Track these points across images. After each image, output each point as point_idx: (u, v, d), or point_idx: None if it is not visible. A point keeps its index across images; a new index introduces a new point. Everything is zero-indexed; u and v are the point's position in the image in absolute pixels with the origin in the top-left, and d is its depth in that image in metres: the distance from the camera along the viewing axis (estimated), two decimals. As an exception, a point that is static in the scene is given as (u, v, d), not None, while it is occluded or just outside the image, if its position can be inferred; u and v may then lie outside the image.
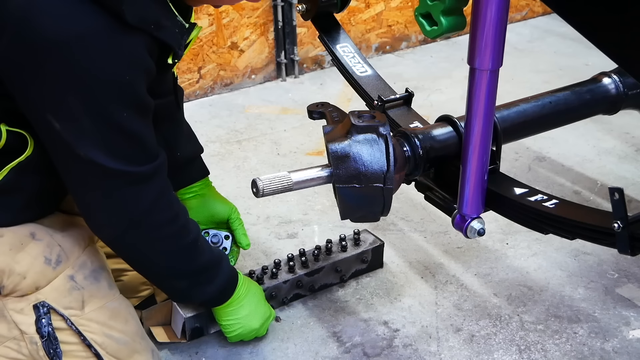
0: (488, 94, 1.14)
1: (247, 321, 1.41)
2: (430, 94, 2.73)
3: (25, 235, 1.21)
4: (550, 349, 1.47)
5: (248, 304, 1.40)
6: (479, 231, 1.24)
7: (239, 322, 1.41)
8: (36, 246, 1.21)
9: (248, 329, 1.42)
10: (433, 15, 1.22)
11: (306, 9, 1.63)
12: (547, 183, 2.08)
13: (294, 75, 2.92)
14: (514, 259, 1.76)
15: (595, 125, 2.34)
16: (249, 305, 1.41)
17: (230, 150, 2.32)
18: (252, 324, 1.42)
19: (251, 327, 1.42)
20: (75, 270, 1.25)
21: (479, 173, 1.20)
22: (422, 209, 1.95)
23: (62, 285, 1.23)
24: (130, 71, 1.05)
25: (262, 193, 1.12)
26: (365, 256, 1.68)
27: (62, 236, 1.25)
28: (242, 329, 1.41)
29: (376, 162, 1.12)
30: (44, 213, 1.26)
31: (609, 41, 0.97)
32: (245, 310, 1.40)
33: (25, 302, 1.21)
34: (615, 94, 1.51)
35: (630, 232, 1.03)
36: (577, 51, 3.04)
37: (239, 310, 1.40)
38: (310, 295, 1.63)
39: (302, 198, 2.02)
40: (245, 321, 1.41)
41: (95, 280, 1.27)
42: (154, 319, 1.51)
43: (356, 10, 2.99)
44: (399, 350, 1.48)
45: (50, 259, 1.22)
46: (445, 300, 1.62)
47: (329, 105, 1.37)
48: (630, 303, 1.60)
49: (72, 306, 1.24)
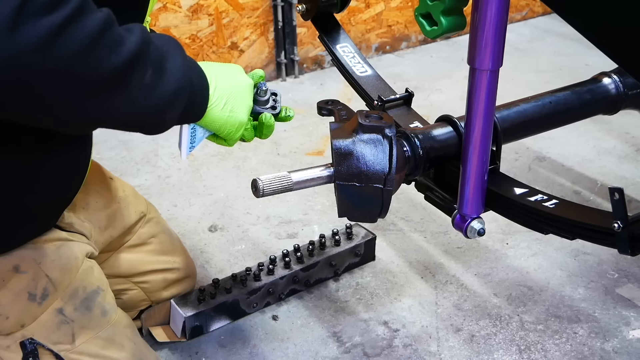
0: (488, 94, 1.14)
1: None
2: (430, 94, 2.73)
3: (8, 270, 1.13)
4: (550, 349, 1.47)
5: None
6: (479, 231, 1.24)
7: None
8: (19, 281, 1.13)
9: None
10: (433, 15, 1.22)
11: (306, 9, 1.63)
12: (547, 183, 2.08)
13: (294, 75, 2.92)
14: (514, 259, 1.76)
15: (595, 125, 2.34)
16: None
17: (230, 150, 2.32)
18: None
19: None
20: (64, 302, 1.19)
21: (479, 173, 1.20)
22: (422, 209, 1.95)
23: (50, 320, 1.17)
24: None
25: (262, 193, 1.12)
26: (359, 249, 1.70)
27: (52, 261, 1.17)
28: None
29: (378, 162, 1.12)
30: (38, 232, 1.17)
31: (609, 41, 0.97)
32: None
33: (11, 340, 1.15)
34: (615, 94, 1.51)
35: (630, 232, 1.02)
36: (577, 51, 3.04)
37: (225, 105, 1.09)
38: (306, 289, 1.64)
39: (302, 198, 2.02)
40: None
41: (86, 310, 1.21)
42: (153, 319, 1.51)
43: (356, 10, 2.99)
44: (399, 350, 1.48)
45: (35, 294, 1.15)
46: (445, 300, 1.62)
47: (339, 103, 1.38)
48: (630, 303, 1.60)
49: (62, 341, 1.18)
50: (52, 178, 1.12)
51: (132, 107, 0.90)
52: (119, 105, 0.89)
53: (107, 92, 0.86)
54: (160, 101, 0.93)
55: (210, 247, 1.84)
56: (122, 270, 1.44)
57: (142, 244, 1.47)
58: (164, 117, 0.97)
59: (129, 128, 0.99)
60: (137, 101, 0.90)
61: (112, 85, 0.86)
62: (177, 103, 0.97)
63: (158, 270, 1.49)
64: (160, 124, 0.99)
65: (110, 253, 1.42)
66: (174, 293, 1.53)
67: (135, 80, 0.88)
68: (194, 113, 1.05)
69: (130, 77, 0.87)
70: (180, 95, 0.97)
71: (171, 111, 0.97)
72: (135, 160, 2.29)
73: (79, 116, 0.87)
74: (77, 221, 1.28)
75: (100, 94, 0.86)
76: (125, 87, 0.87)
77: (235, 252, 1.81)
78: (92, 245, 1.29)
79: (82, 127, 0.95)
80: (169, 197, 2.07)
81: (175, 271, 1.52)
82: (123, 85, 0.87)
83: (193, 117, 1.06)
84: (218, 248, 1.83)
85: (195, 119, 1.06)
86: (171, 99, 0.95)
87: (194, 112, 1.05)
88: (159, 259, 1.49)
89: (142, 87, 0.90)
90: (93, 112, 0.87)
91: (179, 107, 0.98)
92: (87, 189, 1.33)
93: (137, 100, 0.90)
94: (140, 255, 1.46)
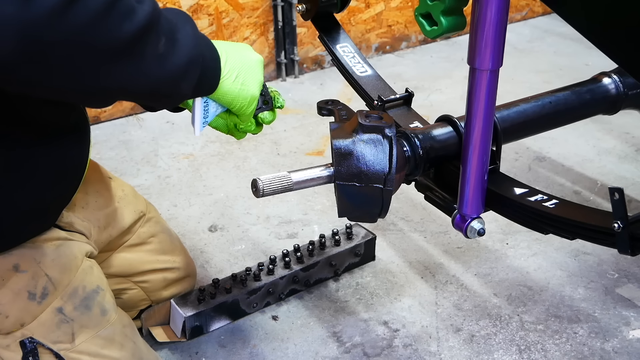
0: (488, 94, 1.14)
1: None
2: (430, 94, 2.73)
3: (7, 269, 1.13)
4: (550, 349, 1.47)
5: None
6: (479, 231, 1.24)
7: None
8: (19, 280, 1.14)
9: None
10: (433, 15, 1.22)
11: (306, 9, 1.63)
12: (547, 183, 2.08)
13: (294, 75, 2.92)
14: (514, 259, 1.76)
15: (595, 125, 2.34)
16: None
17: (230, 150, 2.32)
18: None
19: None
20: (64, 301, 1.19)
21: (479, 173, 1.20)
22: (422, 209, 1.95)
23: (50, 319, 1.17)
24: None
25: (262, 193, 1.12)
26: (358, 249, 1.70)
27: (51, 260, 1.17)
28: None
29: (378, 162, 1.12)
30: (37, 231, 1.17)
31: (609, 41, 0.97)
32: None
33: (11, 339, 1.15)
34: (615, 94, 1.51)
35: (630, 232, 1.02)
36: (577, 51, 3.04)
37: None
38: (306, 289, 1.64)
39: (302, 198, 2.02)
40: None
41: (86, 309, 1.21)
42: (153, 319, 1.51)
43: (356, 10, 2.99)
44: (399, 350, 1.48)
45: (35, 293, 1.15)
46: (445, 300, 1.62)
47: (339, 103, 1.38)
48: (630, 303, 1.60)
49: (61, 340, 1.18)
50: (50, 176, 1.12)
51: (148, 76, 0.91)
52: (136, 74, 0.90)
53: (123, 61, 0.87)
54: (174, 70, 0.94)
55: (210, 247, 1.84)
56: (122, 270, 1.44)
57: (142, 243, 1.47)
58: (179, 87, 0.98)
59: (146, 99, 1.00)
60: (152, 70, 0.91)
61: (128, 53, 0.87)
62: (191, 73, 0.98)
63: (158, 270, 1.49)
64: (176, 94, 1.00)
65: (109, 252, 1.42)
66: (174, 293, 1.53)
67: (149, 48, 0.89)
68: (208, 84, 1.05)
69: (144, 46, 0.88)
70: (193, 65, 0.97)
71: (185, 81, 0.98)
72: (135, 160, 2.29)
73: (97, 85, 0.88)
74: (77, 220, 1.28)
75: (117, 63, 0.87)
76: (140, 55, 0.88)
77: (235, 252, 1.81)
78: (91, 244, 1.29)
79: (102, 98, 0.95)
80: (169, 197, 2.07)
81: (175, 271, 1.52)
82: (138, 54, 0.88)
83: (207, 88, 1.06)
84: (218, 248, 1.83)
85: (209, 90, 1.07)
86: (185, 68, 0.96)
87: (207, 83, 1.05)
88: (159, 258, 1.49)
89: (156, 56, 0.91)
90: (111, 80, 0.88)
91: (193, 78, 0.99)
92: (86, 189, 1.33)
93: (152, 70, 0.91)
94: (139, 254, 1.46)
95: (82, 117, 1.18)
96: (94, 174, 1.38)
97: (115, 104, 2.56)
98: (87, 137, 1.20)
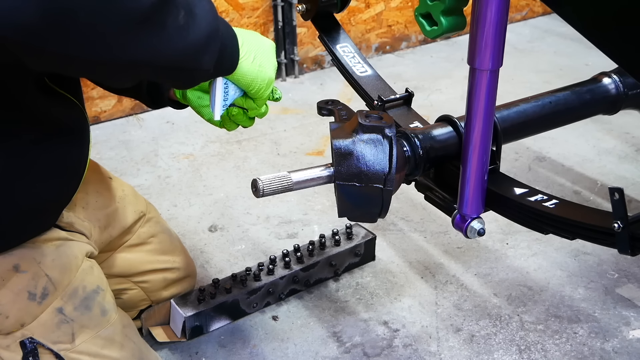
0: (488, 94, 1.14)
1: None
2: (430, 94, 2.73)
3: (7, 269, 1.13)
4: (550, 349, 1.47)
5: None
6: (479, 231, 1.24)
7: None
8: (19, 280, 1.14)
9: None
10: (433, 15, 1.22)
11: (306, 9, 1.63)
12: (547, 183, 2.08)
13: (294, 75, 2.92)
14: (514, 259, 1.76)
15: (595, 125, 2.34)
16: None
17: (230, 150, 2.32)
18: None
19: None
20: (64, 301, 1.18)
21: (479, 173, 1.20)
22: (422, 209, 1.95)
23: (50, 319, 1.17)
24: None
25: (262, 193, 1.12)
26: (358, 249, 1.70)
27: (52, 260, 1.17)
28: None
29: (378, 162, 1.12)
30: (38, 231, 1.17)
31: (609, 41, 0.97)
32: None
33: (11, 339, 1.15)
34: (615, 94, 1.51)
35: (630, 232, 1.02)
36: (577, 51, 3.04)
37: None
38: (306, 289, 1.64)
39: (302, 198, 2.02)
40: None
41: (86, 309, 1.21)
42: (153, 319, 1.51)
43: (356, 10, 2.99)
44: (399, 350, 1.48)
45: (35, 293, 1.15)
46: (445, 300, 1.62)
47: (339, 103, 1.38)
48: (630, 303, 1.60)
49: (62, 340, 1.18)
50: (50, 176, 1.12)
51: (170, 47, 0.92)
52: (158, 46, 0.90)
53: (145, 31, 0.88)
54: (195, 42, 0.95)
55: (210, 247, 1.84)
56: (122, 270, 1.44)
57: (142, 243, 1.47)
58: (202, 60, 0.98)
59: (171, 74, 0.99)
60: (174, 41, 0.91)
61: (150, 23, 0.87)
62: (212, 46, 0.98)
63: (158, 270, 1.49)
64: (199, 69, 0.99)
65: (110, 253, 1.42)
66: (174, 293, 1.53)
67: (170, 20, 0.90)
68: (228, 61, 1.06)
69: (165, 16, 0.89)
70: (213, 39, 0.98)
71: (207, 55, 0.98)
72: (135, 160, 2.29)
73: (124, 56, 0.88)
74: (77, 220, 1.28)
75: (140, 32, 0.87)
76: (161, 26, 0.89)
77: (235, 252, 1.81)
78: (91, 244, 1.29)
79: (129, 72, 0.95)
80: (169, 197, 2.07)
81: (175, 271, 1.52)
82: (159, 24, 0.89)
83: (227, 65, 1.06)
84: (218, 248, 1.83)
85: (230, 68, 1.07)
86: (205, 41, 0.96)
87: (228, 60, 1.05)
88: (159, 258, 1.49)
89: (177, 27, 0.91)
90: (135, 51, 0.88)
91: (214, 51, 0.99)
92: (86, 189, 1.33)
93: (174, 41, 0.91)
94: (140, 254, 1.46)
95: (82, 117, 1.18)
96: (94, 174, 1.38)
97: (115, 104, 2.56)
98: (87, 137, 1.20)
